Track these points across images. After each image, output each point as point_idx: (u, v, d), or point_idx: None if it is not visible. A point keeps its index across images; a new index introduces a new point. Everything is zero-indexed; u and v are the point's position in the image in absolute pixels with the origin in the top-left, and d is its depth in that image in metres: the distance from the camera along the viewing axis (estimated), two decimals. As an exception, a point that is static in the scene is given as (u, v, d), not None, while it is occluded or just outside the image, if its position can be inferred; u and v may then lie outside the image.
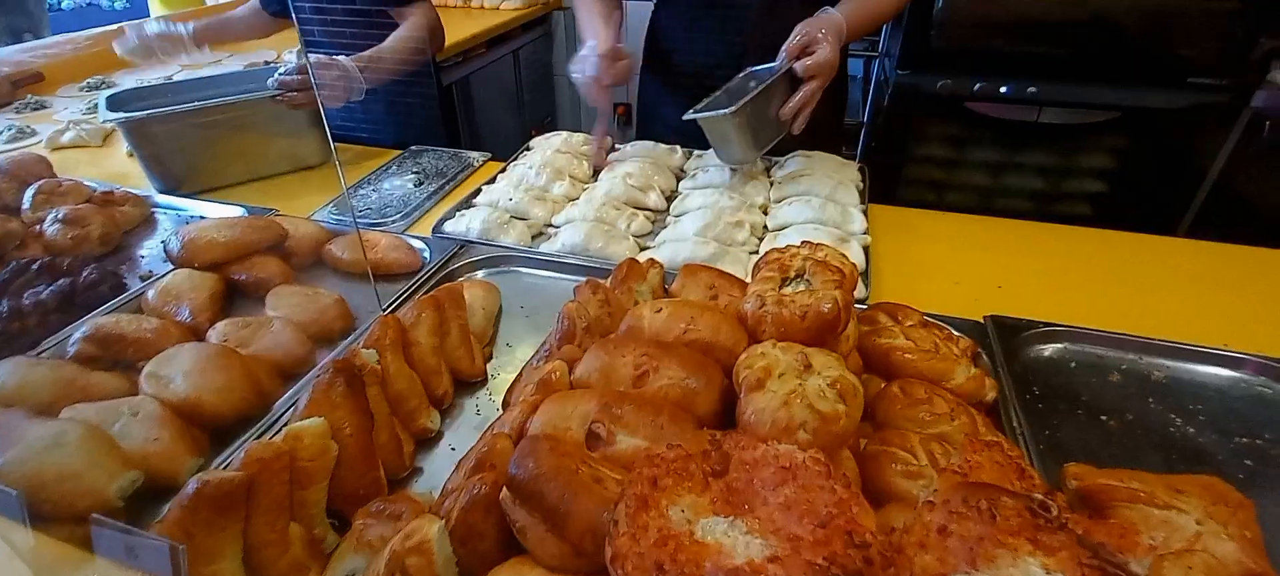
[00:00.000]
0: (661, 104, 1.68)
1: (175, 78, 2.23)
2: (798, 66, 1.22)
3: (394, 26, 1.70)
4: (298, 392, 0.85)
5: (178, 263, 1.09)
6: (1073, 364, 0.89)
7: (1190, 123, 2.34)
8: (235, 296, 1.08)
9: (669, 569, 0.45)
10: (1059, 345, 0.91)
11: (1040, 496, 0.52)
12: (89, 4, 2.83)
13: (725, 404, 0.67)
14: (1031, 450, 0.72)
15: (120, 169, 1.63)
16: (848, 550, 0.45)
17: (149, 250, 1.26)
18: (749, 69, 1.34)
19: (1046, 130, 2.49)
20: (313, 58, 1.52)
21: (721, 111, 1.19)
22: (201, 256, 1.08)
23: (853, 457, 0.64)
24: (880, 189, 1.35)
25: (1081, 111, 2.43)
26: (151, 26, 1.74)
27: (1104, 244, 1.19)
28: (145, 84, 1.63)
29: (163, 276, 1.06)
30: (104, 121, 1.43)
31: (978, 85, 2.42)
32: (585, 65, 1.34)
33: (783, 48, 1.25)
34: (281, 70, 1.43)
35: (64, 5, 2.77)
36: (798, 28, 1.24)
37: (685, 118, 1.26)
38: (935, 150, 2.63)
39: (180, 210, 1.39)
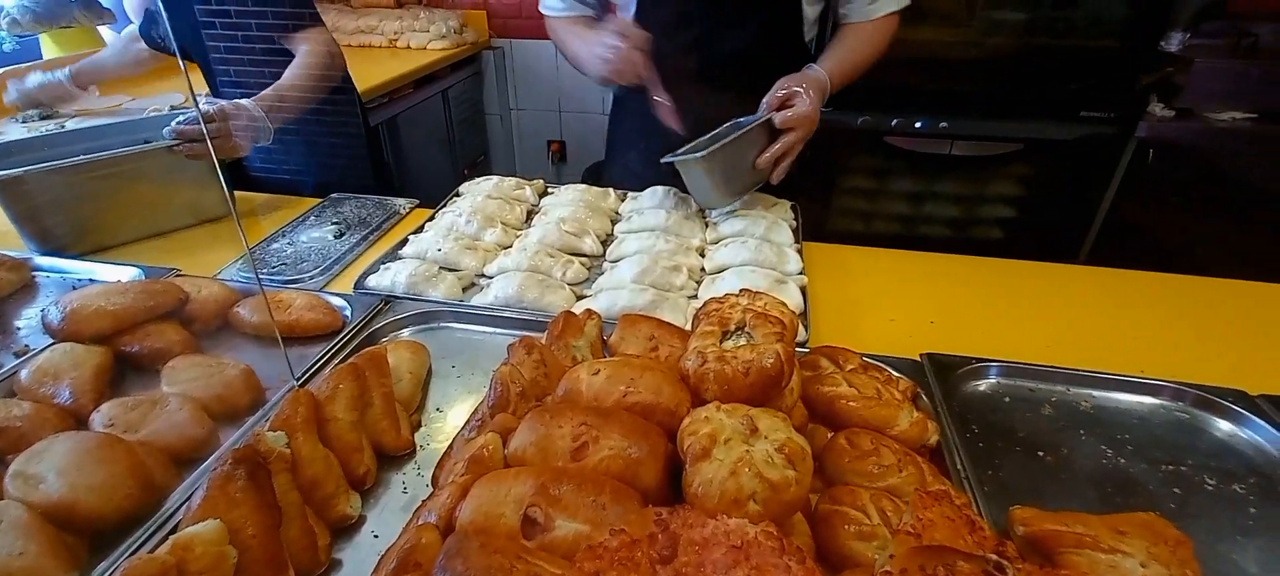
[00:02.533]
0: (630, 152, 1.65)
1: (67, 126, 2.06)
2: (776, 118, 1.25)
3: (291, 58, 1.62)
4: (196, 482, 0.75)
5: (58, 336, 0.96)
6: (1006, 398, 0.91)
7: (1084, 152, 2.53)
8: (127, 371, 0.97)
9: (616, 682, 0.40)
10: (992, 380, 0.93)
11: (994, 557, 0.51)
12: (-30, 46, 2.59)
13: (670, 471, 0.63)
14: (977, 493, 0.72)
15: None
16: (807, 642, 0.42)
17: (26, 321, 1.12)
18: (734, 120, 1.35)
19: (959, 161, 2.64)
20: (210, 105, 1.41)
21: (694, 155, 1.21)
22: (86, 328, 0.96)
23: (805, 520, 0.62)
24: (810, 222, 1.37)
25: (989, 144, 2.59)
26: (32, 78, 1.59)
27: (1022, 274, 1.24)
28: (33, 136, 1.47)
29: (39, 352, 0.94)
30: (-29, 180, 1.28)
31: (895, 121, 2.55)
32: (606, 42, 1.26)
33: (763, 100, 1.28)
34: (179, 118, 1.33)
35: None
36: (780, 81, 1.28)
37: (662, 161, 1.27)
38: (860, 182, 2.74)
39: (67, 273, 1.25)
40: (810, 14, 1.44)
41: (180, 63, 0.83)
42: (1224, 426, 0.85)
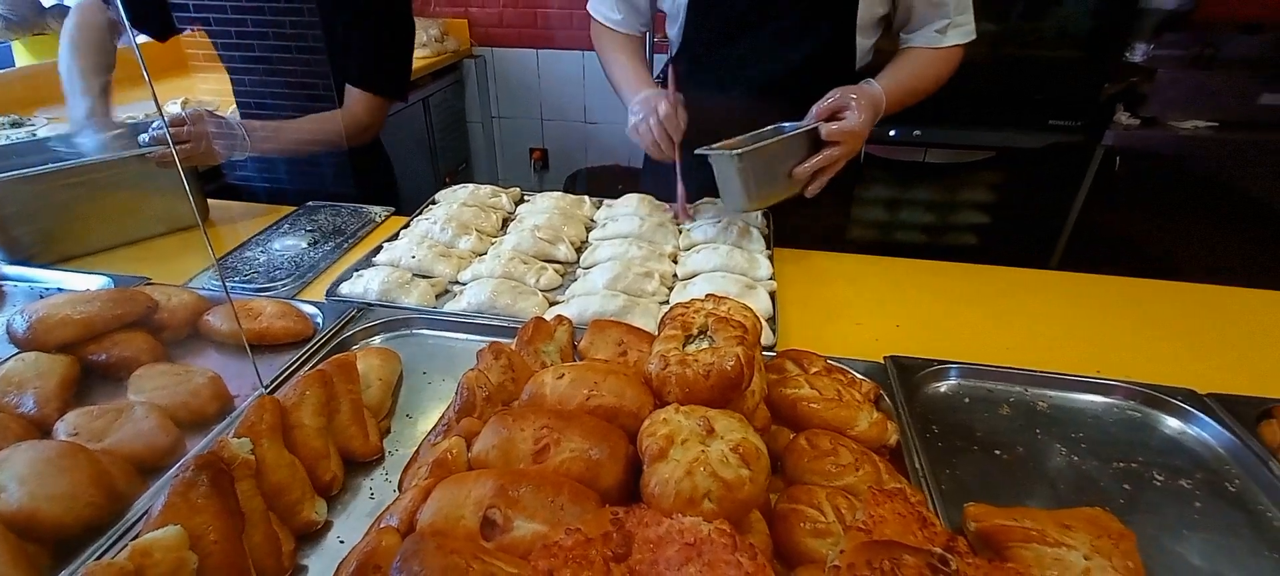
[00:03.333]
0: (667, 168, 1.55)
1: (38, 134, 2.04)
2: (822, 129, 1.18)
3: (329, 100, 1.59)
4: (161, 488, 0.75)
5: (24, 345, 0.96)
6: (966, 399, 0.93)
7: (1053, 159, 2.59)
8: (94, 380, 0.96)
9: (565, 676, 0.41)
10: (953, 382, 0.95)
11: (939, 551, 0.53)
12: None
13: (631, 472, 0.65)
14: (933, 491, 0.74)
15: (-38, 237, 1.45)
16: (751, 634, 0.43)
17: (-9, 331, 1.11)
18: (779, 124, 1.28)
19: (932, 169, 2.70)
20: (189, 111, 1.40)
21: (728, 153, 1.15)
22: (52, 336, 0.95)
23: (763, 519, 0.63)
24: (784, 229, 1.38)
25: (961, 151, 2.65)
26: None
27: (988, 278, 1.27)
28: (2, 143, 1.45)
29: (3, 362, 0.93)
30: (-62, 188, 1.27)
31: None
32: (650, 119, 1.24)
33: (813, 107, 1.21)
34: (155, 125, 1.33)
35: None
36: (833, 90, 1.20)
37: (696, 153, 1.22)
38: (835, 189, 2.78)
39: (35, 282, 1.24)
40: (864, 44, 1.38)
41: (144, 72, 0.82)
42: (1173, 424, 0.88)
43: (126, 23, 1.51)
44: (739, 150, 1.14)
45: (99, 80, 1.48)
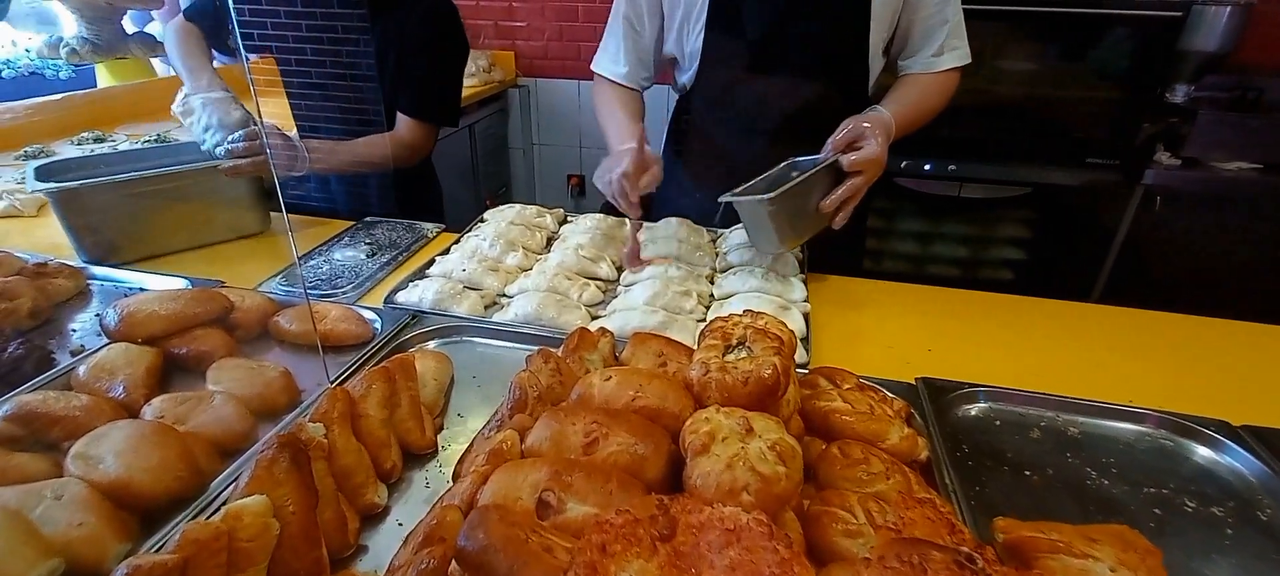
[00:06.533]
0: (683, 194, 1.60)
1: (119, 148, 2.20)
2: (843, 160, 1.20)
3: (379, 125, 1.70)
4: (238, 470, 0.82)
5: (114, 336, 1.05)
6: (997, 422, 0.95)
7: (1091, 197, 2.58)
8: (174, 371, 1.05)
9: (618, 634, 0.46)
10: (984, 404, 0.98)
11: (967, 549, 0.56)
12: (31, 73, 2.76)
13: (673, 468, 0.69)
14: (963, 506, 0.76)
15: (56, 239, 1.58)
16: (788, 606, 0.47)
17: (82, 324, 1.21)
18: (792, 159, 1.32)
19: (966, 203, 2.70)
20: (252, 127, 1.51)
21: (759, 198, 1.15)
22: (140, 330, 1.04)
23: (796, 519, 0.67)
24: (817, 257, 1.42)
25: (996, 187, 2.65)
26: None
27: (1021, 309, 1.29)
28: (84, 155, 1.59)
29: (96, 351, 1.02)
30: (32, 191, 1.40)
31: (904, 163, 2.62)
32: (613, 172, 1.26)
33: (829, 140, 1.23)
34: (231, 138, 1.44)
35: (3, 74, 2.70)
36: (845, 122, 1.22)
37: (720, 200, 1.24)
38: (869, 221, 2.81)
39: (119, 282, 1.35)
40: (874, 81, 1.42)
41: (249, 81, 0.92)
42: (1205, 453, 0.89)
43: (238, 40, 1.66)
44: (770, 194, 1.15)
45: (207, 60, 1.63)
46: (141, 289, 1.30)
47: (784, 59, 1.40)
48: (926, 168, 2.59)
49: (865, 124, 1.21)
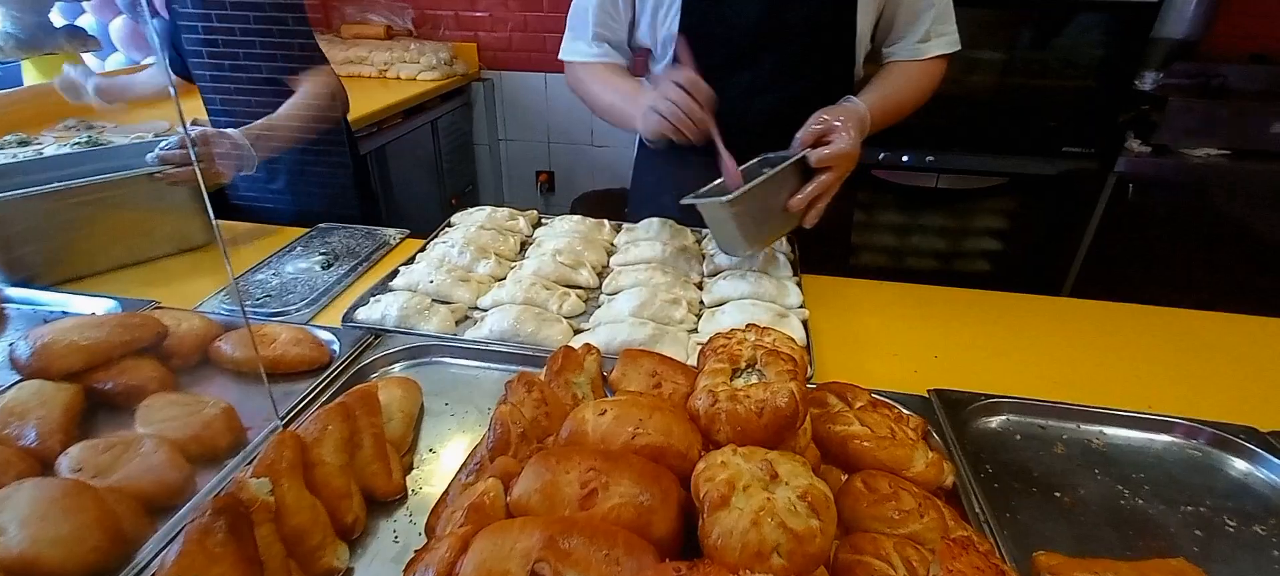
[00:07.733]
0: (661, 191, 1.48)
1: (45, 153, 2.00)
2: (811, 156, 1.11)
3: (290, 94, 1.60)
4: (172, 530, 0.70)
5: (27, 373, 0.91)
6: (1018, 436, 0.89)
7: (1067, 186, 2.58)
8: (99, 410, 0.91)
9: None
10: (1002, 417, 0.91)
11: (1034, 612, 0.48)
12: (-55, 72, 2.53)
13: (683, 517, 0.60)
14: (997, 537, 0.69)
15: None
16: None
17: (-7, 357, 1.06)
18: (764, 155, 1.23)
19: (944, 194, 2.68)
20: (197, 130, 1.39)
21: (719, 199, 1.07)
22: (58, 364, 0.90)
23: (826, 573, 0.59)
24: (805, 256, 1.34)
25: (974, 177, 2.63)
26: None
27: (1022, 307, 1.24)
28: (7, 162, 1.42)
29: (4, 391, 0.88)
30: (-68, 207, 1.23)
31: (882, 155, 2.58)
32: (667, 89, 1.13)
33: (797, 135, 1.14)
34: (162, 144, 1.30)
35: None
36: (815, 115, 1.14)
37: (682, 202, 1.16)
38: (847, 214, 2.77)
39: (39, 305, 1.19)
40: (861, 72, 1.36)
41: (170, 89, 0.80)
42: (1239, 465, 0.84)
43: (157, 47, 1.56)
44: (730, 195, 1.06)
45: None
46: (63, 313, 1.15)
47: (764, 45, 1.31)
48: (905, 159, 2.56)
49: (837, 118, 1.12)
